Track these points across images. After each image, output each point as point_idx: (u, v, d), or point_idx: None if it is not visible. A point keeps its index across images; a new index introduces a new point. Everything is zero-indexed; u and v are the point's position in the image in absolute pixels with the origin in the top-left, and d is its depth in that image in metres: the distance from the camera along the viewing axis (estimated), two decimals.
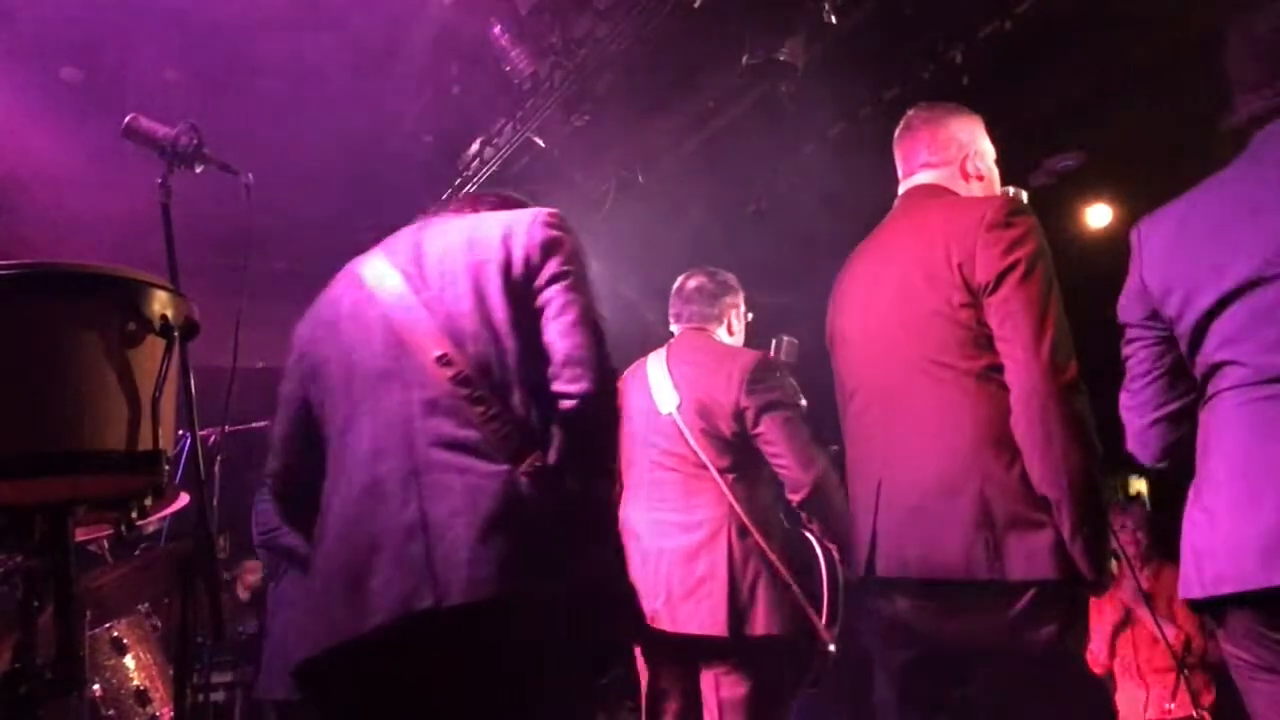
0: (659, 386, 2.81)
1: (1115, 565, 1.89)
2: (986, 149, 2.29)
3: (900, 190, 2.31)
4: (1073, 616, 1.90)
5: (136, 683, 3.04)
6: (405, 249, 1.74)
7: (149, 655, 3.12)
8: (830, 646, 2.67)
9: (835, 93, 4.33)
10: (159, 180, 1.92)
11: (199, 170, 1.98)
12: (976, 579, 1.87)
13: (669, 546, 2.67)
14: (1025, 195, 2.22)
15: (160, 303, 1.51)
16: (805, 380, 2.80)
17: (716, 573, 2.58)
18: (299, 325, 1.83)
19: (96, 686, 2.94)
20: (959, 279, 1.96)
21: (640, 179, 5.06)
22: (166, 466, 1.49)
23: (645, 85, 4.43)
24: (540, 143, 4.71)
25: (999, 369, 1.92)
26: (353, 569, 1.50)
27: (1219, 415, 1.65)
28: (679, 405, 2.74)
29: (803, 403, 2.80)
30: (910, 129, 2.31)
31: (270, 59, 4.22)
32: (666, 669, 2.72)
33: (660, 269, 5.79)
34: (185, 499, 2.54)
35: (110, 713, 2.95)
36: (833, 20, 3.86)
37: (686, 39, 4.13)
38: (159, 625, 3.25)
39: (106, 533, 2.82)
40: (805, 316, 2.73)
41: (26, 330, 1.41)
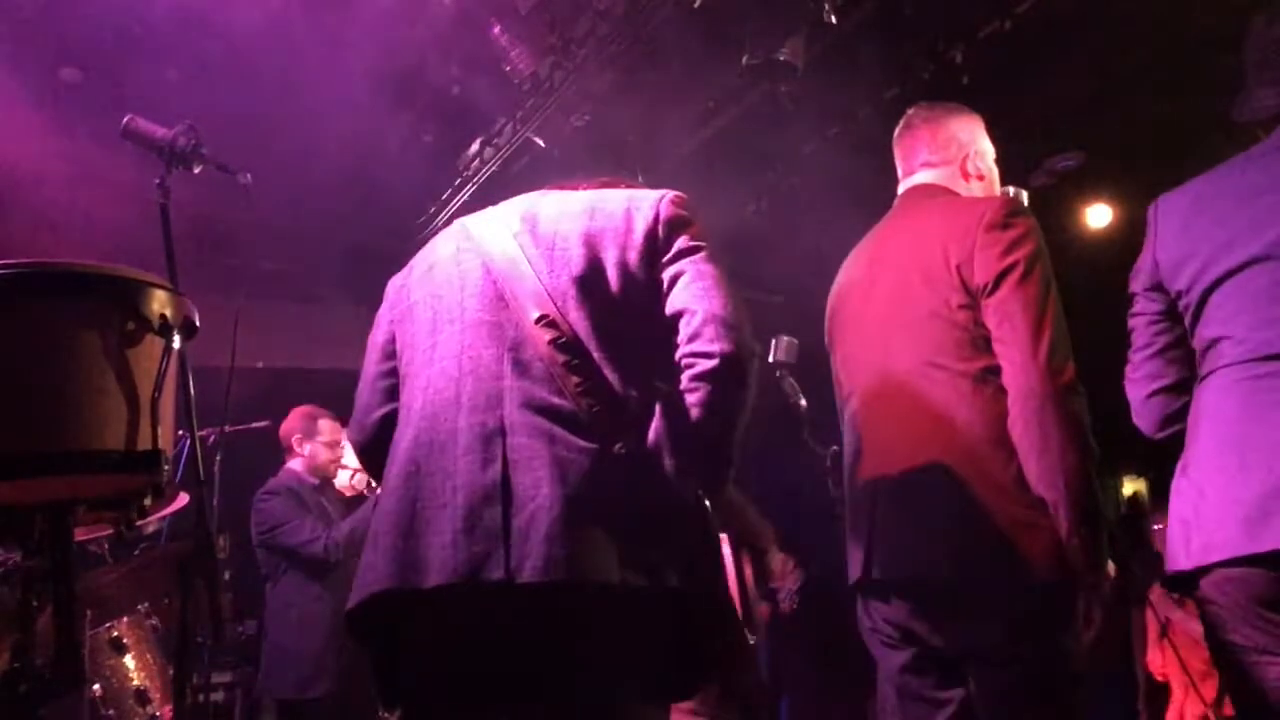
0: None
1: (1113, 567, 1.89)
2: (986, 148, 2.29)
3: (899, 190, 2.31)
4: (1070, 618, 1.89)
5: (136, 683, 3.05)
6: (518, 209, 1.68)
7: (149, 655, 3.12)
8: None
9: (835, 93, 4.33)
10: (157, 181, 1.92)
11: (197, 170, 1.99)
12: (973, 580, 1.87)
13: None
14: (1025, 195, 2.22)
15: (159, 302, 1.51)
16: (805, 380, 2.80)
17: None
18: (395, 276, 1.77)
19: (96, 686, 2.94)
20: (957, 280, 1.96)
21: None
22: (166, 466, 1.49)
23: (645, 85, 4.42)
24: (540, 143, 4.71)
25: (996, 370, 1.92)
26: (417, 521, 1.44)
27: (1211, 391, 1.70)
28: None
29: (803, 403, 2.80)
30: (910, 128, 2.31)
31: (270, 59, 4.22)
32: None
33: None
34: (185, 499, 2.54)
35: (110, 713, 2.95)
36: (833, 20, 3.87)
37: (686, 39, 4.13)
38: (159, 625, 3.25)
39: (106, 533, 2.82)
40: (805, 316, 2.72)
41: (26, 330, 1.41)
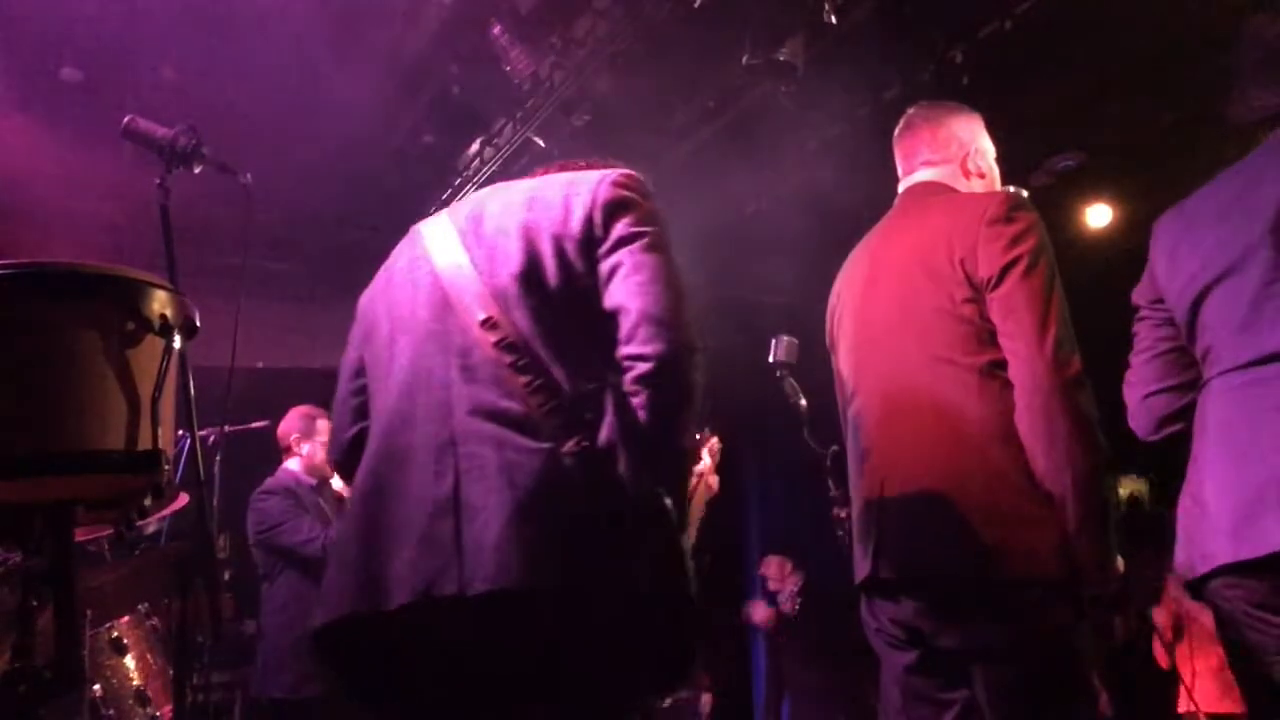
0: None
1: (1123, 563, 1.90)
2: (987, 147, 2.29)
3: (900, 188, 2.31)
4: (1077, 615, 1.89)
5: (136, 683, 3.04)
6: (466, 209, 1.64)
7: (149, 655, 3.12)
8: None
9: (835, 93, 4.33)
10: (158, 181, 1.92)
11: (197, 171, 1.99)
12: (981, 577, 1.86)
13: None
14: (1025, 195, 2.22)
15: (160, 303, 1.51)
16: (805, 380, 2.80)
17: None
18: (364, 292, 1.75)
19: (96, 686, 2.94)
20: (961, 275, 1.96)
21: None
22: (166, 466, 1.49)
23: (645, 85, 4.43)
24: (540, 143, 4.71)
25: (1002, 365, 1.92)
26: (379, 538, 1.42)
27: (1209, 400, 1.74)
28: None
29: (803, 403, 2.80)
30: (911, 127, 2.31)
31: (270, 59, 4.22)
32: None
33: None
34: (185, 499, 2.54)
35: (110, 713, 2.95)
36: (833, 20, 3.87)
37: (686, 39, 4.13)
38: (159, 625, 3.25)
39: (106, 533, 2.82)
40: (805, 316, 2.72)
41: (26, 330, 1.41)
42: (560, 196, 1.55)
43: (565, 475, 1.38)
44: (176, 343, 1.53)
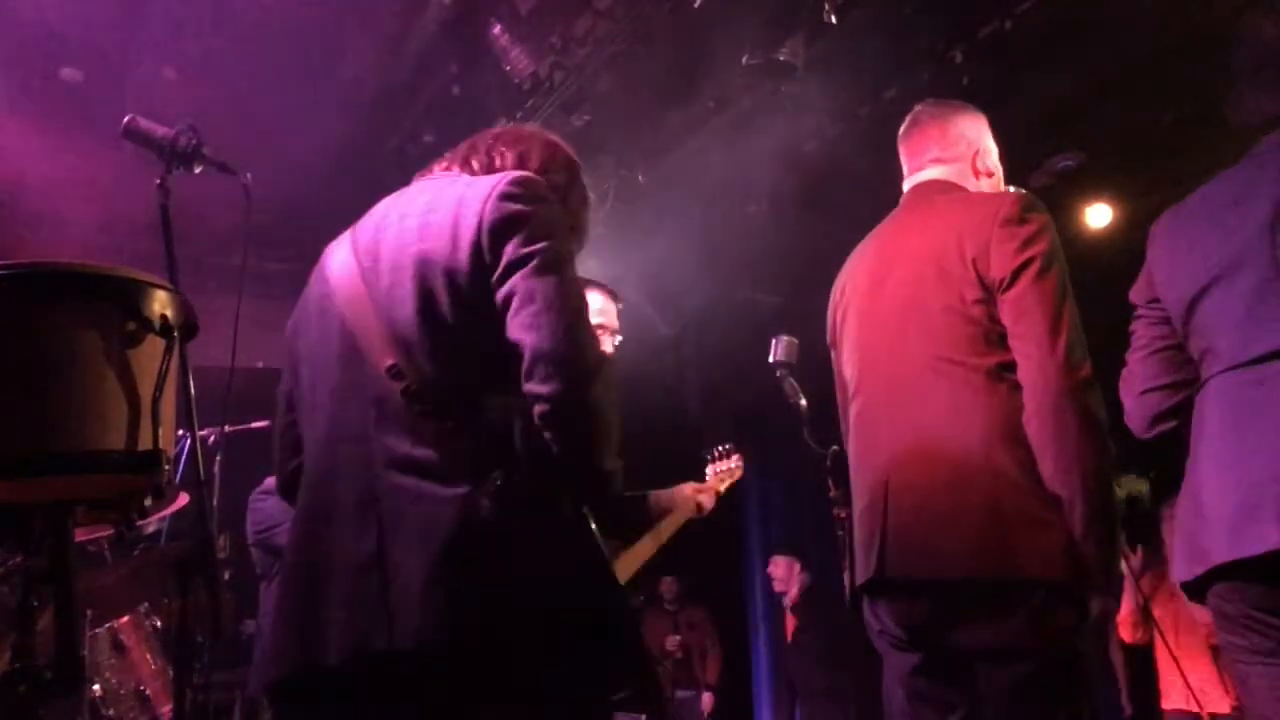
0: None
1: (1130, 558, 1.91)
2: (992, 146, 2.28)
3: (905, 186, 2.30)
4: (1083, 616, 1.89)
5: (136, 683, 3.04)
6: (369, 231, 1.59)
7: (149, 655, 3.12)
8: None
9: (835, 93, 4.33)
10: (158, 180, 1.92)
11: (198, 170, 1.98)
12: (986, 579, 1.86)
13: None
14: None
15: (160, 303, 1.51)
16: (805, 380, 2.79)
17: None
18: (290, 319, 1.76)
19: (96, 686, 2.94)
20: (973, 274, 1.95)
21: (640, 179, 5.06)
22: (166, 466, 1.49)
23: (645, 85, 4.43)
24: None
25: (1010, 367, 1.91)
26: (311, 597, 1.44)
27: (1207, 400, 1.75)
28: None
29: (803, 403, 2.80)
30: (918, 124, 2.30)
31: (270, 59, 4.22)
32: None
33: (660, 269, 5.81)
34: (185, 499, 2.53)
35: (110, 713, 2.95)
36: (833, 20, 3.87)
37: (686, 39, 4.13)
38: (159, 625, 3.25)
39: (106, 533, 2.82)
40: (805, 316, 2.72)
41: (26, 330, 1.41)
42: (449, 222, 1.47)
43: (482, 519, 1.37)
44: (177, 343, 1.53)
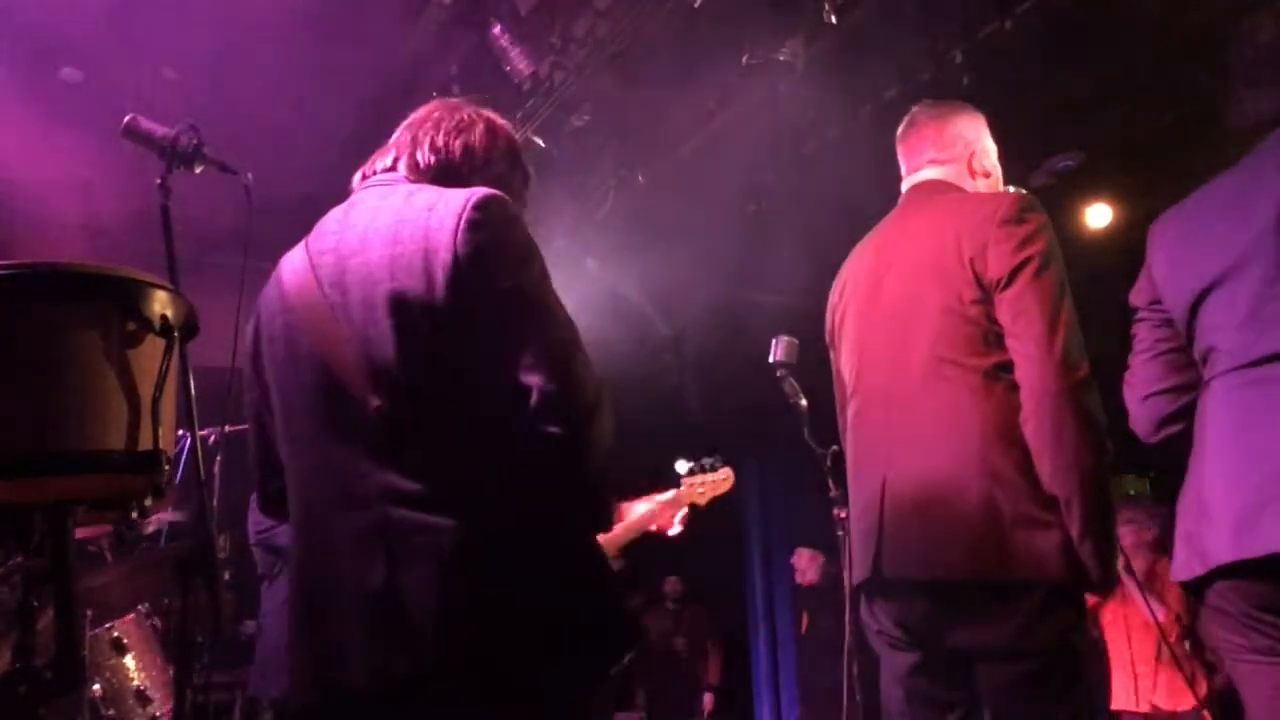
0: None
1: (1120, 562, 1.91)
2: (990, 146, 2.29)
3: (903, 186, 2.30)
4: (1079, 616, 1.89)
5: (136, 683, 3.04)
6: (328, 257, 1.56)
7: (149, 655, 3.12)
8: None
9: (835, 93, 4.33)
10: (159, 180, 1.92)
11: (198, 170, 1.98)
12: (983, 579, 1.86)
13: None
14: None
15: (160, 303, 1.51)
16: (805, 380, 2.80)
17: None
18: (246, 333, 1.70)
19: (96, 686, 2.94)
20: (970, 274, 1.95)
21: (640, 179, 5.06)
22: (166, 466, 1.49)
23: (645, 86, 4.42)
24: (540, 143, 4.71)
25: (1008, 367, 1.91)
26: (326, 627, 1.46)
27: (1210, 401, 1.74)
28: None
29: (803, 403, 2.80)
30: (915, 125, 2.30)
31: (270, 59, 4.22)
32: None
33: (660, 269, 5.81)
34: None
35: (110, 713, 2.95)
36: (833, 20, 3.87)
37: (686, 39, 4.13)
38: (159, 625, 3.25)
39: (106, 533, 2.82)
40: (805, 316, 2.73)
41: (26, 330, 1.41)
42: (419, 257, 1.45)
43: (483, 546, 1.40)
44: (177, 343, 1.53)
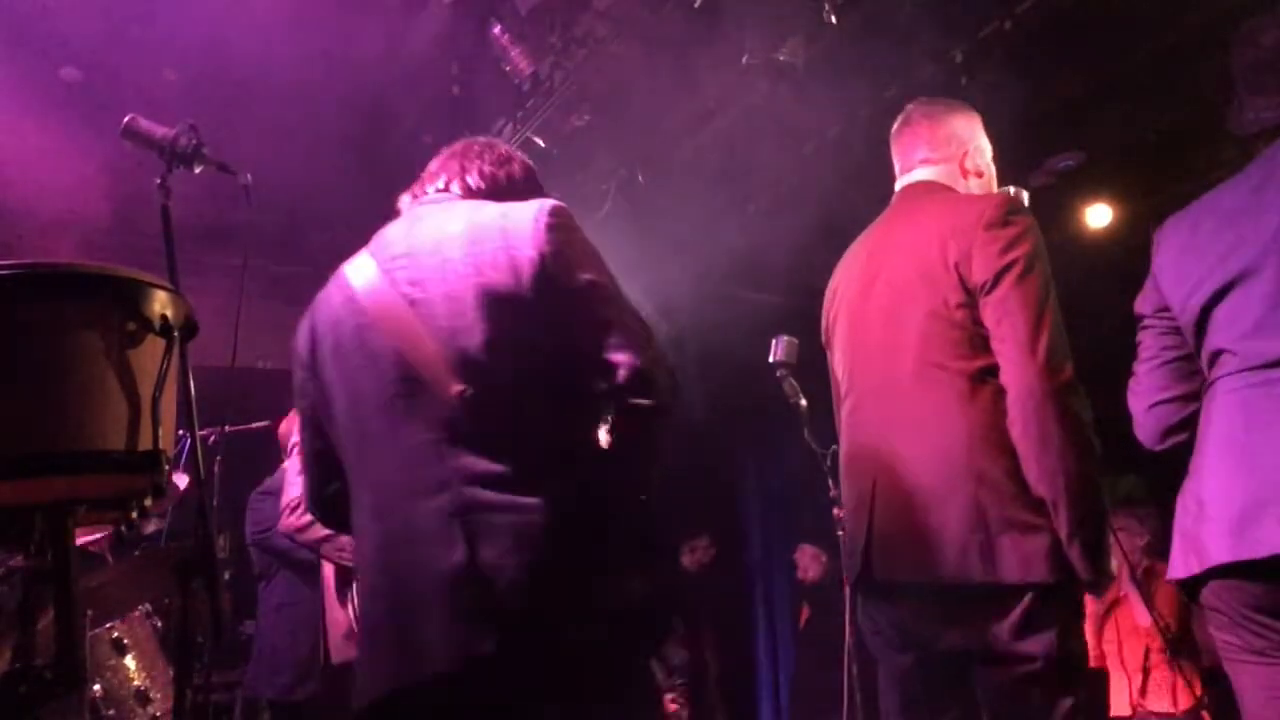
0: None
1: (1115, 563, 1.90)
2: (985, 145, 2.28)
3: (896, 186, 2.30)
4: (1073, 618, 1.89)
5: (137, 683, 3.04)
6: (403, 260, 1.64)
7: (149, 655, 3.12)
8: None
9: (835, 93, 4.33)
10: (158, 180, 1.92)
11: (198, 171, 1.98)
12: (972, 582, 1.86)
13: None
14: (1025, 195, 2.21)
15: (160, 303, 1.51)
16: (805, 380, 2.80)
17: None
18: (298, 340, 1.76)
19: (96, 686, 2.94)
20: (956, 278, 1.96)
21: (640, 179, 5.06)
22: (166, 466, 1.49)
23: (645, 85, 4.43)
24: (540, 143, 4.71)
25: (994, 371, 1.92)
26: (403, 614, 1.48)
27: (1214, 402, 1.73)
28: None
29: (803, 403, 2.80)
30: (909, 124, 2.30)
31: (270, 59, 4.22)
32: None
33: (660, 269, 5.80)
34: (185, 480, 2.52)
35: (110, 713, 2.95)
36: (833, 20, 3.87)
37: (686, 39, 4.13)
38: (159, 625, 3.25)
39: (106, 532, 2.82)
40: (805, 316, 2.73)
41: (26, 330, 1.41)
42: (503, 255, 1.57)
43: (567, 523, 1.46)
44: (177, 343, 1.53)
